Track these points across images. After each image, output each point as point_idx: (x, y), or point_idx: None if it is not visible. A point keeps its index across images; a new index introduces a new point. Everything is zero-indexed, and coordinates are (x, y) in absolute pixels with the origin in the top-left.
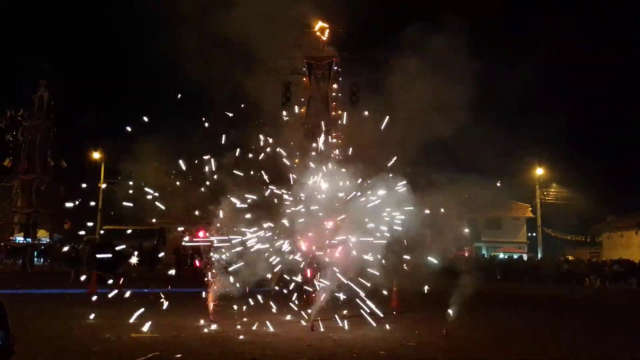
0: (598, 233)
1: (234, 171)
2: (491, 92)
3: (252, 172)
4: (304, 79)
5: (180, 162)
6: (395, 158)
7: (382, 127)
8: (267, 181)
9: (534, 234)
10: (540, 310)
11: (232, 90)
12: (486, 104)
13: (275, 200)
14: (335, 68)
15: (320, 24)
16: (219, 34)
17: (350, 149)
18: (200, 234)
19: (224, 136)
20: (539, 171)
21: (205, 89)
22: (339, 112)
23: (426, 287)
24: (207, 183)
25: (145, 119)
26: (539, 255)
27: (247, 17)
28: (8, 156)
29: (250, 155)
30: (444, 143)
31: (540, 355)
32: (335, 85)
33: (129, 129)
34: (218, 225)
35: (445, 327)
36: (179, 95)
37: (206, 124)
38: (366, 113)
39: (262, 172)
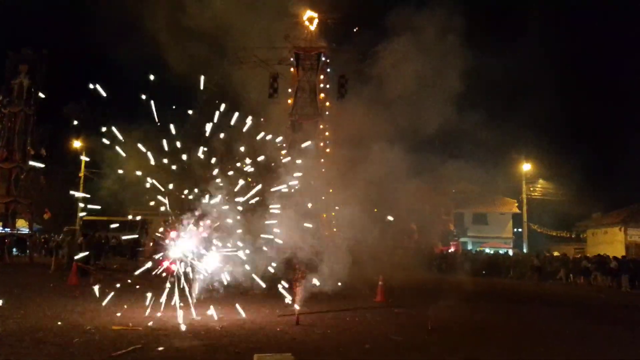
0: (583, 229)
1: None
2: (478, 87)
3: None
4: (292, 69)
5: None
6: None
7: (369, 118)
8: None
9: (520, 230)
10: (520, 304)
11: (219, 82)
12: (473, 100)
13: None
14: (324, 59)
15: (308, 14)
16: (206, 24)
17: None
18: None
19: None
20: (526, 167)
21: (192, 80)
22: (327, 103)
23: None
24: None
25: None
26: (525, 251)
27: (234, 7)
28: None
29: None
30: (431, 137)
31: (521, 350)
32: (322, 77)
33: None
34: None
35: (429, 321)
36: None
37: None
38: (354, 104)
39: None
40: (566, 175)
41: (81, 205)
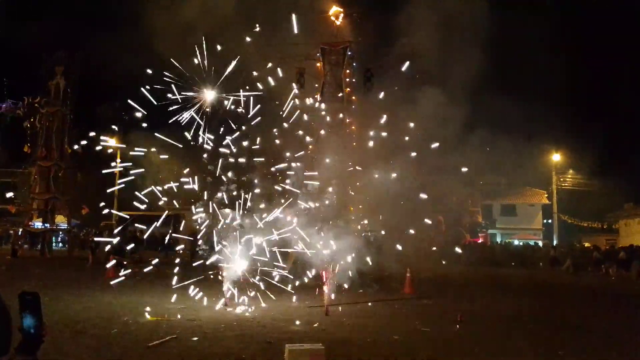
0: (615, 220)
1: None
2: (509, 76)
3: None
4: (318, 64)
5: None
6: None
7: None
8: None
9: (550, 221)
10: (547, 296)
11: (245, 77)
12: (503, 90)
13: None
14: (349, 53)
15: (334, 9)
16: (233, 19)
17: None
18: None
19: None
20: (556, 157)
21: (218, 75)
22: (353, 97)
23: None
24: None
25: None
26: (555, 242)
27: (258, 3)
28: (26, 143)
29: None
30: (461, 126)
31: (550, 343)
32: (348, 71)
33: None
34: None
35: (459, 312)
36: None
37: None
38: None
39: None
40: (597, 165)
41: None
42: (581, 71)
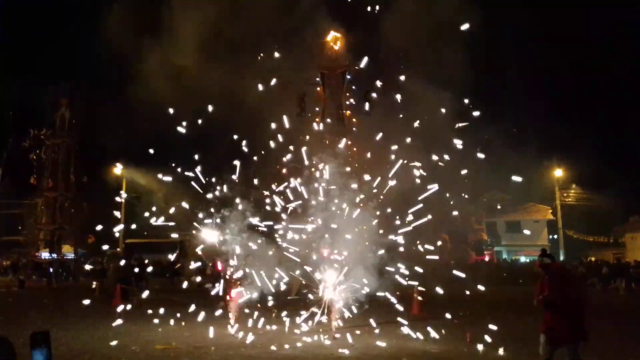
0: (621, 234)
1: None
2: (511, 93)
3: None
4: (318, 89)
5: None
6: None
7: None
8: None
9: (556, 237)
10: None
11: (246, 102)
12: (506, 108)
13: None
14: (349, 77)
15: (332, 34)
16: (234, 44)
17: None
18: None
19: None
20: (559, 172)
21: (219, 101)
22: (353, 120)
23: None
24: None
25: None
26: (561, 258)
27: (259, 29)
28: (32, 174)
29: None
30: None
31: None
32: (348, 94)
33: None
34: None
35: (468, 333)
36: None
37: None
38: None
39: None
40: (601, 179)
41: (116, 229)
42: (584, 85)
